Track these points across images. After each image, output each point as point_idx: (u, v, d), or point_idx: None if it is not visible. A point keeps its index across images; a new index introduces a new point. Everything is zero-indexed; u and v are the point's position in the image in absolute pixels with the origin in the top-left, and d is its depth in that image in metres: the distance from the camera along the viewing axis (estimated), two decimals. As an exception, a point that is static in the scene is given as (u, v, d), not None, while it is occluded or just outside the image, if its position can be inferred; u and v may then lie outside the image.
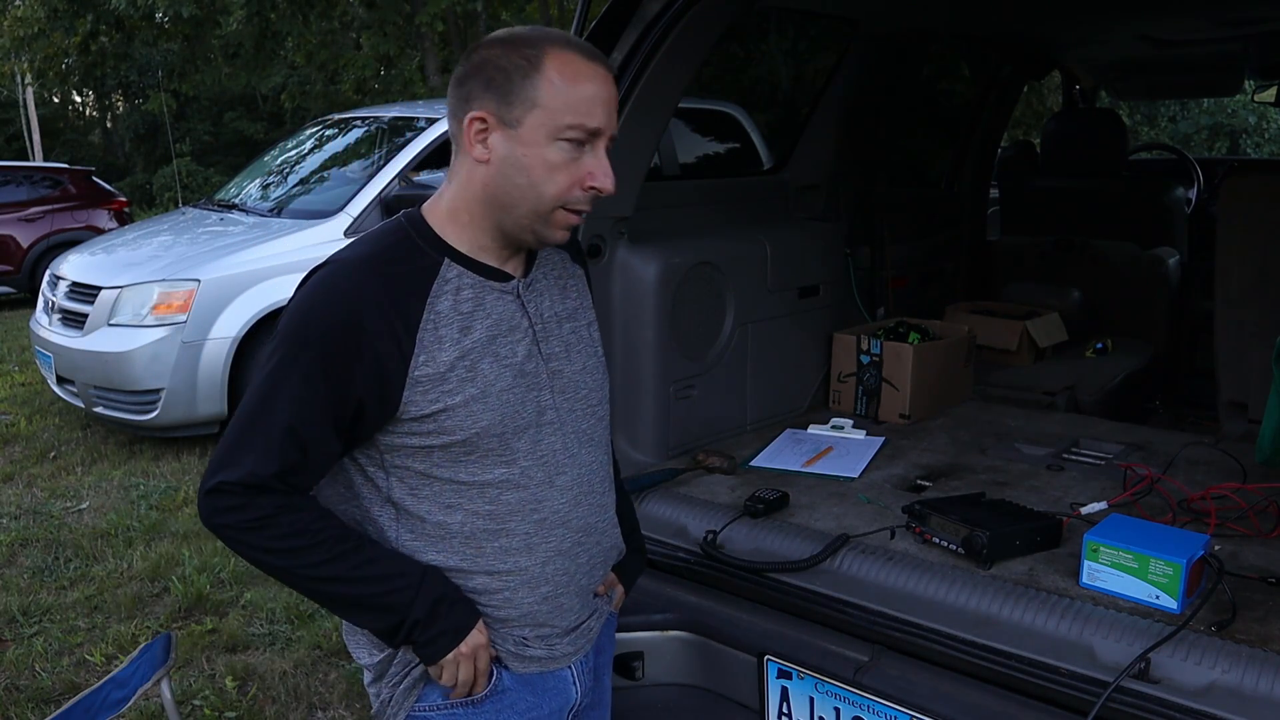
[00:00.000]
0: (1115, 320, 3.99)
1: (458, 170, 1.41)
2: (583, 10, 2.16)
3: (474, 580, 1.44)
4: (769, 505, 2.19)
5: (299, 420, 1.33)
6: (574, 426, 1.50)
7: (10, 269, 11.03)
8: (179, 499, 4.95)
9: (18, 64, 17.90)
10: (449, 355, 1.36)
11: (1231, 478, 2.30)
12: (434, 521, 1.42)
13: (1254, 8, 3.35)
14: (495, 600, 1.46)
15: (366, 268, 1.36)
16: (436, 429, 1.37)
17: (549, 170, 1.34)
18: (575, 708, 1.59)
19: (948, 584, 1.83)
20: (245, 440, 1.34)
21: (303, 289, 1.37)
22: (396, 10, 16.06)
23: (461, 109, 1.36)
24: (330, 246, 7.02)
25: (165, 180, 21.91)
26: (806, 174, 3.27)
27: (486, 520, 1.42)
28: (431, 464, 1.40)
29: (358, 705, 3.13)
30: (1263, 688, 1.50)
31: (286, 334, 1.35)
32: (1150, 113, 19.17)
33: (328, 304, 1.34)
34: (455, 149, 1.41)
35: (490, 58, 1.34)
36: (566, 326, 1.51)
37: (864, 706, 1.83)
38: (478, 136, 1.35)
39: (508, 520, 1.43)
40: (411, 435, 1.38)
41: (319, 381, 1.32)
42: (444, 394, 1.36)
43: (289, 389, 1.33)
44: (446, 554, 1.43)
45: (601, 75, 1.36)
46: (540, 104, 1.32)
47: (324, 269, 1.38)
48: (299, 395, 1.33)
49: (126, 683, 2.18)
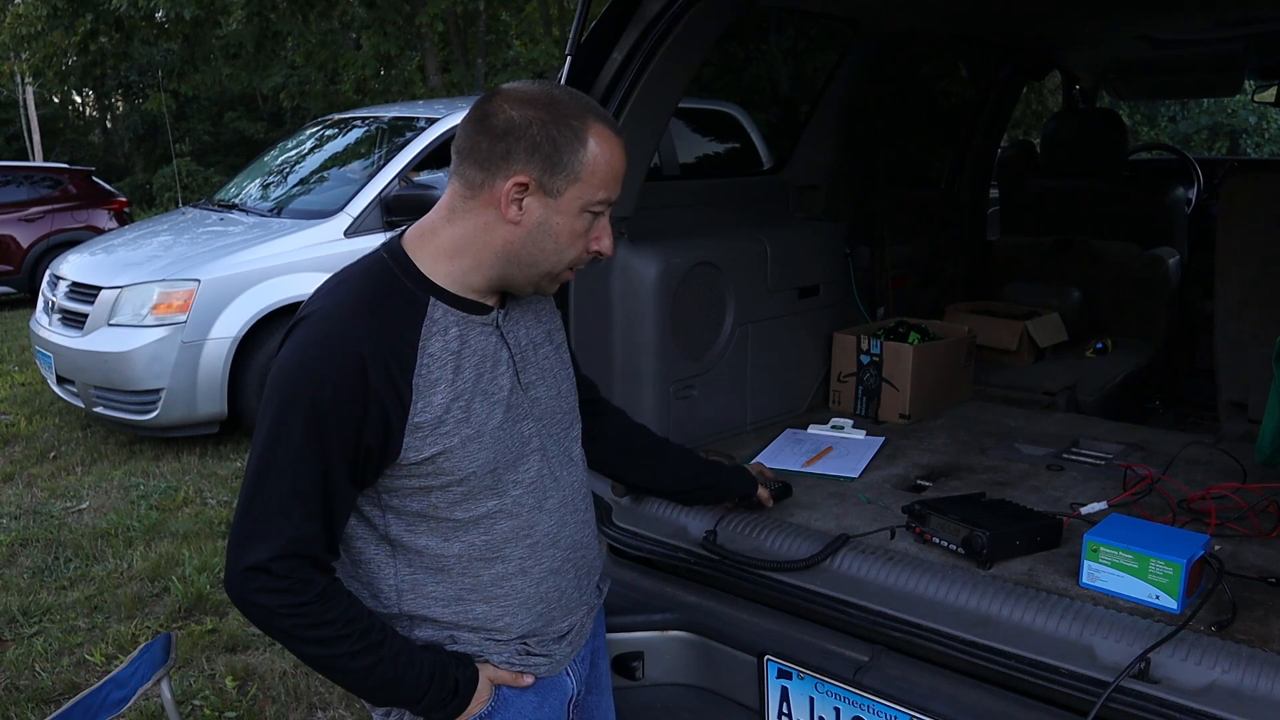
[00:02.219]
0: (1115, 320, 3.99)
1: (469, 215, 1.37)
2: (583, 10, 2.15)
3: (474, 609, 1.46)
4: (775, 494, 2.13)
5: (317, 479, 1.32)
6: (555, 450, 1.52)
7: (10, 269, 11.03)
8: (179, 499, 4.96)
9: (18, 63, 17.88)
10: (443, 398, 1.36)
11: (1231, 478, 2.30)
12: (432, 554, 1.43)
13: (1254, 8, 3.35)
14: (494, 625, 1.47)
15: (360, 315, 1.34)
16: (434, 471, 1.38)
17: (573, 238, 1.38)
18: (574, 698, 1.62)
19: (948, 584, 1.83)
20: (268, 507, 1.31)
21: (294, 343, 1.34)
22: (396, 10, 16.05)
23: (500, 168, 1.33)
24: (330, 246, 7.00)
25: (165, 180, 21.91)
26: (806, 174, 3.27)
27: (483, 550, 1.44)
28: (429, 504, 1.41)
29: (357, 705, 3.13)
30: (1263, 688, 1.50)
31: (290, 392, 1.32)
32: (1150, 113, 19.15)
33: (329, 357, 1.31)
34: (469, 193, 1.37)
35: (535, 121, 1.32)
36: (541, 352, 1.53)
37: (864, 706, 1.83)
38: (514, 198, 1.34)
39: (503, 548, 1.45)
40: (410, 478, 1.38)
41: (332, 435, 1.31)
42: (441, 437, 1.36)
43: (303, 447, 1.31)
44: (445, 584, 1.44)
45: (624, 150, 1.39)
46: (581, 178, 1.34)
47: (313, 321, 1.34)
48: (315, 452, 1.31)
49: (126, 683, 2.18)
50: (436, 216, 1.41)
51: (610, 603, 1.74)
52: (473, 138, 1.35)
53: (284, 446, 1.31)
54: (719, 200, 3.02)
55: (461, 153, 1.37)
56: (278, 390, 1.33)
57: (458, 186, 1.38)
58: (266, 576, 1.31)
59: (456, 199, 1.38)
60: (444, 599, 1.45)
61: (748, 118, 7.23)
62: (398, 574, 1.44)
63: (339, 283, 1.40)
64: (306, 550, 1.32)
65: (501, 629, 1.48)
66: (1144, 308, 3.96)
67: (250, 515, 1.32)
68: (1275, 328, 2.62)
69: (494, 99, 1.36)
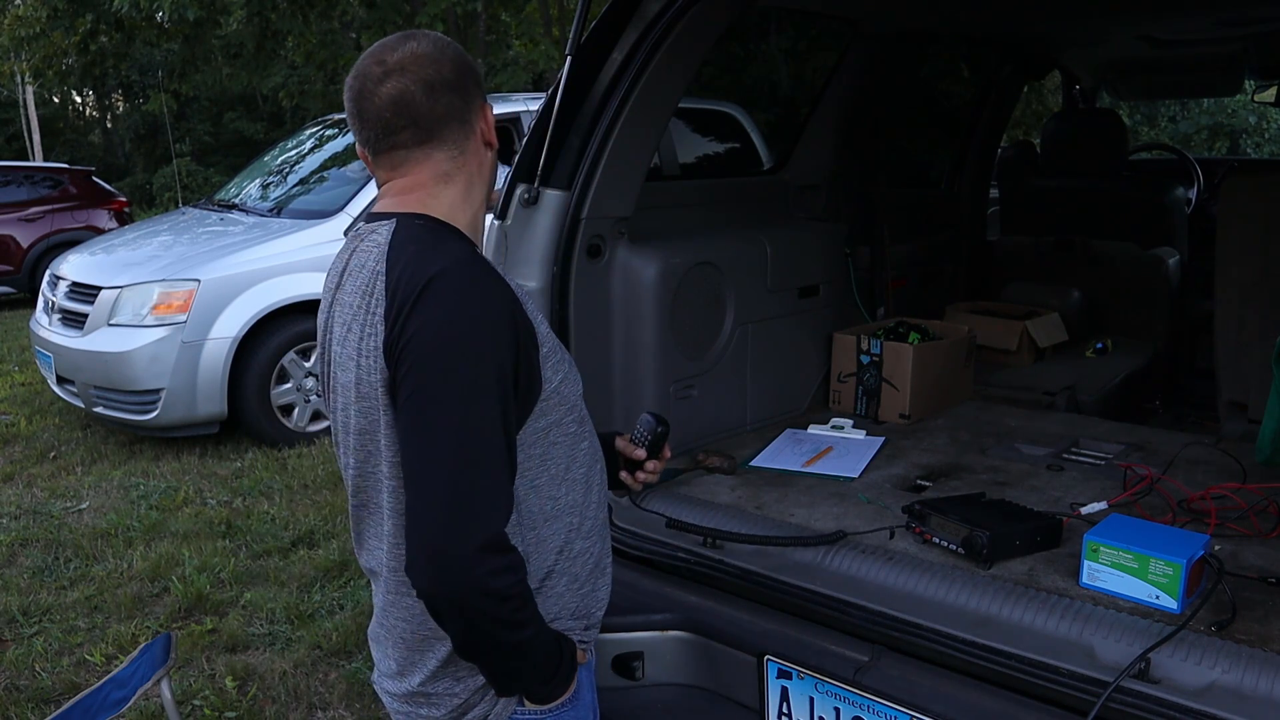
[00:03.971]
0: (1115, 320, 3.99)
1: (463, 167, 1.44)
2: (582, 10, 2.16)
3: (574, 546, 1.48)
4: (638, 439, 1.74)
5: (504, 431, 1.28)
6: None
7: (10, 269, 11.03)
8: (179, 499, 4.95)
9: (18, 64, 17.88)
10: (544, 328, 1.42)
11: (1231, 478, 2.30)
12: (548, 499, 1.43)
13: (1254, 8, 3.35)
14: (588, 562, 1.51)
15: (483, 263, 1.36)
16: (559, 401, 1.42)
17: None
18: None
19: (948, 584, 1.83)
20: (486, 473, 1.25)
21: (451, 300, 1.28)
22: (396, 10, 16.05)
23: (469, 106, 1.42)
24: (330, 246, 7.02)
25: (165, 180, 21.91)
26: (806, 174, 3.27)
27: (583, 483, 1.48)
28: (549, 443, 1.42)
29: (357, 705, 3.13)
30: (1263, 688, 1.50)
31: (474, 348, 1.27)
32: (1150, 113, 19.15)
33: (492, 305, 1.30)
34: (455, 152, 1.43)
35: (452, 59, 1.41)
36: None
37: (864, 706, 1.83)
38: (491, 120, 1.46)
39: (590, 476, 1.50)
40: (542, 417, 1.40)
41: (508, 382, 1.30)
42: (559, 362, 1.43)
43: (495, 402, 1.27)
44: (557, 533, 1.46)
45: None
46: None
47: (453, 276, 1.29)
48: (499, 404, 1.27)
49: (126, 683, 2.18)
50: (424, 191, 1.43)
51: (610, 603, 1.73)
52: (435, 100, 1.38)
53: (481, 404, 1.25)
54: (719, 200, 3.02)
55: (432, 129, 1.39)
56: (457, 348, 1.26)
57: (444, 155, 1.42)
58: (502, 555, 1.23)
59: (445, 164, 1.42)
60: (555, 548, 1.45)
61: (748, 118, 7.22)
62: (524, 540, 1.42)
63: (435, 242, 1.36)
64: (511, 515, 1.29)
65: (593, 562, 1.51)
66: (1144, 308, 3.96)
67: (464, 486, 1.22)
68: (1275, 328, 2.62)
69: (396, 76, 1.37)
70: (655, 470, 1.73)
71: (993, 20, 3.72)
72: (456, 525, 1.21)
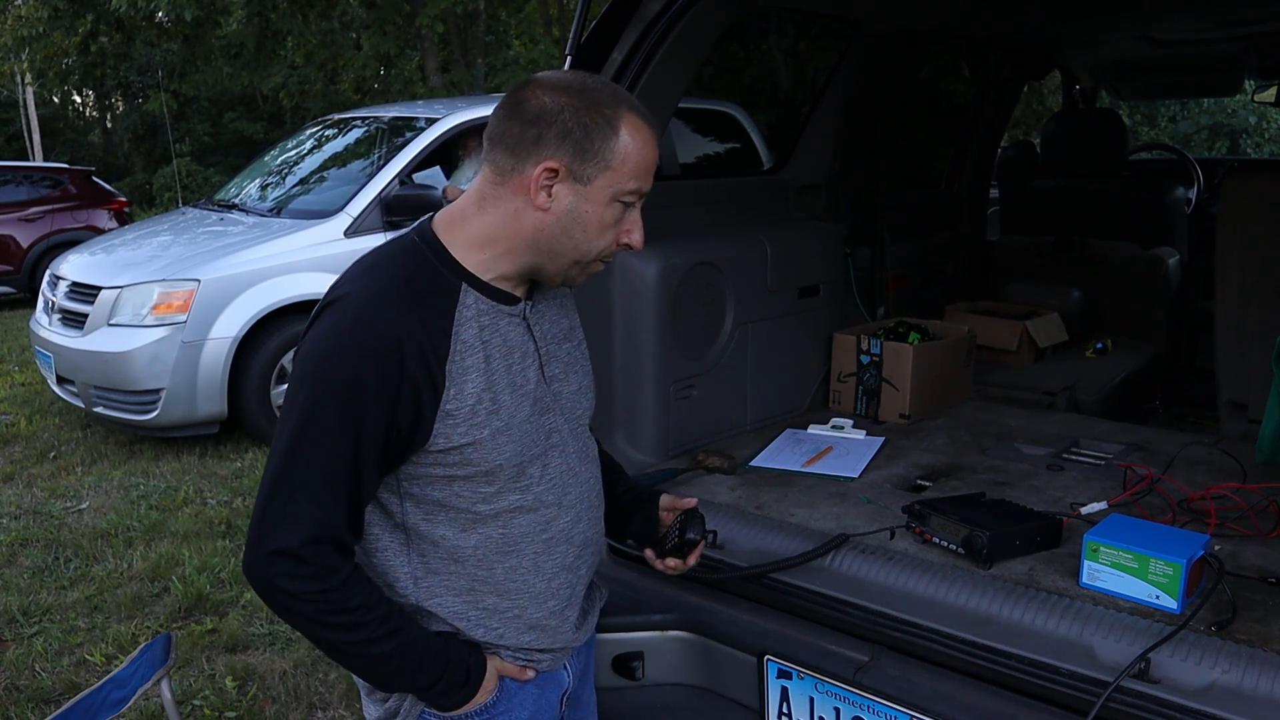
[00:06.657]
0: (1115, 320, 3.99)
1: (497, 203, 1.37)
2: (583, 10, 2.16)
3: (484, 600, 1.45)
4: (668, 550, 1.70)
5: (348, 462, 1.30)
6: (575, 446, 1.52)
7: (10, 269, 11.03)
8: (179, 499, 4.96)
9: (18, 64, 17.89)
10: (474, 388, 1.35)
11: (1231, 478, 2.30)
12: (448, 545, 1.42)
13: (1254, 8, 3.35)
14: (503, 618, 1.47)
15: (397, 299, 1.32)
16: (461, 461, 1.37)
17: (602, 228, 1.37)
18: (568, 691, 1.62)
19: (948, 584, 1.83)
20: (296, 491, 1.30)
21: (329, 325, 1.31)
22: (396, 10, 16.06)
23: (531, 153, 1.33)
24: (330, 246, 7.01)
25: (165, 180, 21.90)
26: (806, 174, 3.27)
27: (499, 543, 1.43)
28: (451, 493, 1.39)
29: (357, 705, 3.13)
30: (1263, 688, 1.50)
31: (325, 375, 1.30)
32: (1150, 113, 19.17)
33: (366, 340, 1.29)
34: (498, 179, 1.36)
35: (567, 107, 1.32)
36: (565, 347, 1.52)
37: (864, 706, 1.83)
38: (543, 184, 1.33)
39: (519, 543, 1.45)
40: (435, 466, 1.37)
41: (367, 418, 1.29)
42: (472, 428, 1.35)
43: (336, 430, 1.29)
44: (458, 576, 1.44)
45: (656, 142, 1.38)
46: (612, 166, 1.33)
47: (349, 303, 1.32)
48: (349, 435, 1.29)
49: (126, 683, 2.18)
50: (467, 204, 1.40)
51: (610, 603, 1.73)
52: (504, 123, 1.35)
53: (316, 429, 1.29)
54: (719, 200, 3.01)
55: (493, 139, 1.36)
56: (311, 372, 1.31)
57: (488, 173, 1.37)
58: (292, 561, 1.29)
59: (487, 185, 1.38)
60: (456, 589, 1.44)
61: (748, 118, 7.22)
62: (410, 563, 1.43)
63: (373, 265, 1.38)
64: (332, 535, 1.31)
65: (511, 619, 1.47)
66: (1144, 308, 3.96)
67: (277, 499, 1.30)
68: (1275, 328, 2.62)
69: (528, 86, 1.36)
70: (677, 568, 1.68)
71: (993, 20, 3.72)
72: (259, 529, 1.31)
